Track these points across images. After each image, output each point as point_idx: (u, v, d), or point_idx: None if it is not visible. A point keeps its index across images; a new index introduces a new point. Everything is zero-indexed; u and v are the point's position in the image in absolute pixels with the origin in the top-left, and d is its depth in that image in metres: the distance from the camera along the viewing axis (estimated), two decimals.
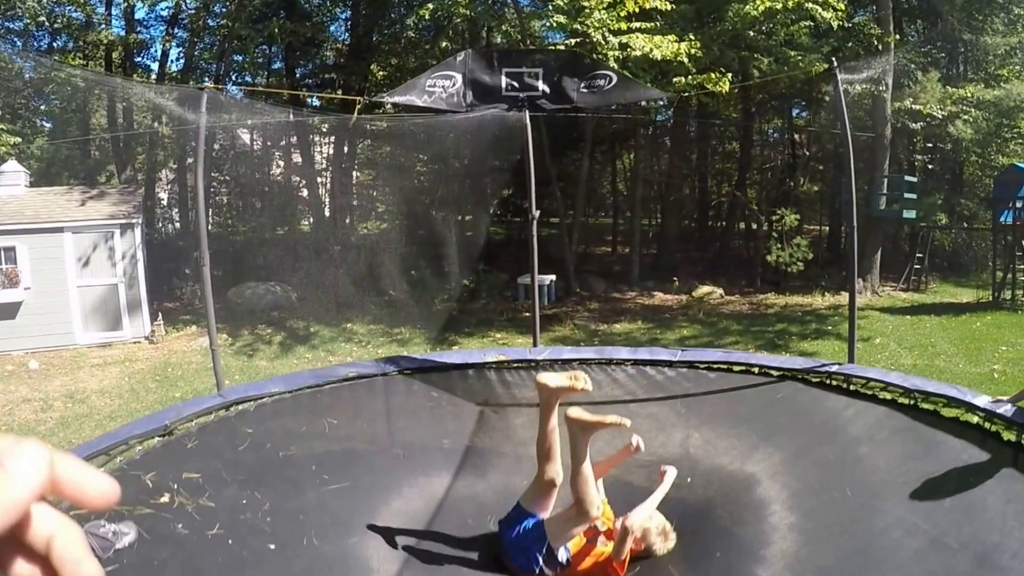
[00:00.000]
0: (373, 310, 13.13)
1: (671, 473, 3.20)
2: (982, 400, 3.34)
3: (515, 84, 4.98)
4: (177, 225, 16.60)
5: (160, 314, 12.25)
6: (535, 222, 5.52)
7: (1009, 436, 3.10)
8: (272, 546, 2.60)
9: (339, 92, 18.85)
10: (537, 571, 2.83)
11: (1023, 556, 2.25)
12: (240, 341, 11.78)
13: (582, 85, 5.00)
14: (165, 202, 17.00)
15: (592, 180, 19.56)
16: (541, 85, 5.00)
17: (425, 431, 3.87)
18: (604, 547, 3.00)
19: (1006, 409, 3.19)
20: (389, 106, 12.02)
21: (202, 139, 4.63)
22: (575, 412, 2.76)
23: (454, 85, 4.84)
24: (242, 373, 9.93)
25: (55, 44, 16.42)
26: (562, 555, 2.86)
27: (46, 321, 10.90)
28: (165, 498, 2.70)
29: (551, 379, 2.85)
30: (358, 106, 4.82)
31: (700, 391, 4.33)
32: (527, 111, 5.13)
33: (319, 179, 16.50)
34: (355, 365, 4.72)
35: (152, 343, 11.58)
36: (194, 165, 14.26)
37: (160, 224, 16.24)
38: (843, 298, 13.57)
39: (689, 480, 3.32)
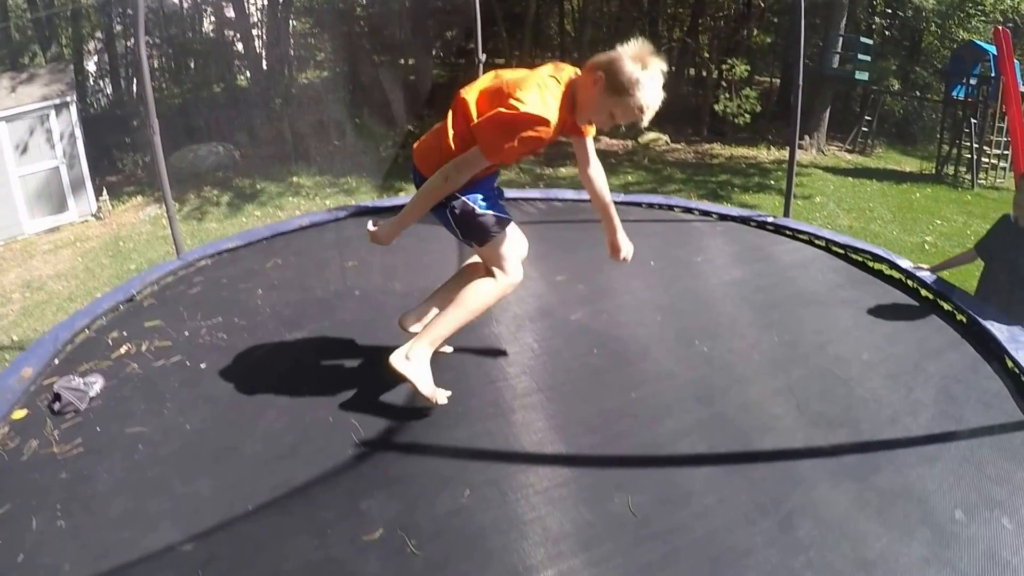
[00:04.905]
0: (319, 161, 13.07)
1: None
2: (905, 263, 3.63)
3: None
4: (110, 95, 15.87)
5: (104, 189, 12.17)
6: (482, 66, 5.46)
7: (927, 294, 3.39)
8: (227, 361, 2.83)
9: None
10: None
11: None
12: (188, 206, 11.83)
13: None
14: (96, 73, 16.08)
15: (539, 22, 18.82)
16: None
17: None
18: None
19: (925, 275, 3.48)
20: None
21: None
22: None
23: None
24: (193, 237, 9.97)
25: None
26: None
27: None
28: (124, 349, 2.97)
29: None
30: None
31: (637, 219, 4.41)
32: None
33: (255, 31, 15.69)
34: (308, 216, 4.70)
35: (99, 219, 11.61)
36: (133, 29, 13.37)
37: (92, 97, 15.48)
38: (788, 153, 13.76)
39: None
